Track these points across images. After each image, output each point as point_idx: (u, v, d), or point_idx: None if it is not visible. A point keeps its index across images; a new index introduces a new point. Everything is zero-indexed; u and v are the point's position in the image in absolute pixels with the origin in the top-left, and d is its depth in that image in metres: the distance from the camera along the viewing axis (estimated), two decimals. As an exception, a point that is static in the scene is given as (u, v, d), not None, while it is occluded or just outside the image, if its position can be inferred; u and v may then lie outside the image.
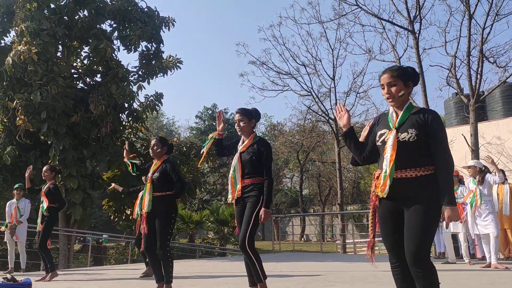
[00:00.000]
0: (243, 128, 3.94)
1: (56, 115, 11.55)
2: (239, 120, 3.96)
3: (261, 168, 3.90)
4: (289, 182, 38.25)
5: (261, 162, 3.88)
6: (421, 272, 2.54)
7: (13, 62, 10.93)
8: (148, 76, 13.90)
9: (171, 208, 4.69)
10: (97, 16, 12.88)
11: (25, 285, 4.02)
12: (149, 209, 4.55)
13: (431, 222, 2.59)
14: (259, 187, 3.87)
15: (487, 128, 16.40)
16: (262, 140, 4.00)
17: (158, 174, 4.66)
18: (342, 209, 21.25)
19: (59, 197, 6.95)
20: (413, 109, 2.77)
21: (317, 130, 27.78)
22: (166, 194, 4.64)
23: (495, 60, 15.08)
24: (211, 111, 38.78)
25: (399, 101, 2.77)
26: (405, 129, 2.68)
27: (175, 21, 14.18)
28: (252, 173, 3.88)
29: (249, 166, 3.88)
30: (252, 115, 4.00)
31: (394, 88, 2.75)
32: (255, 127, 4.10)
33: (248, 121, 3.94)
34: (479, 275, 6.03)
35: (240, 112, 3.99)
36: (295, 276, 6.50)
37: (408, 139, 2.64)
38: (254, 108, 4.17)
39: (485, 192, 6.93)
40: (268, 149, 3.92)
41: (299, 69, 21.17)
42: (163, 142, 4.91)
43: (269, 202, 3.86)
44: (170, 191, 4.69)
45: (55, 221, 7.11)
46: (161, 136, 5.02)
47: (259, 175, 3.88)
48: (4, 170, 12.35)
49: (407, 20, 15.34)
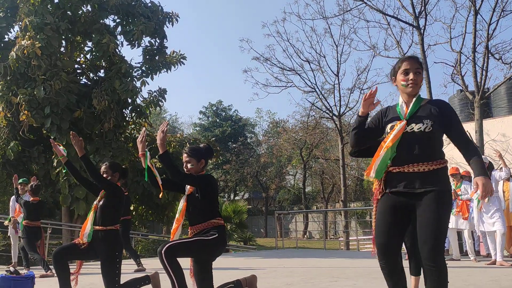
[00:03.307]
0: (190, 170, 3.56)
1: (59, 110, 11.55)
2: (186, 162, 3.59)
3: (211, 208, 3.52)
4: (292, 179, 38.22)
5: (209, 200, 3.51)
6: (436, 267, 2.50)
7: (17, 56, 10.93)
8: (151, 72, 13.89)
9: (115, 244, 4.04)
10: (100, 11, 12.86)
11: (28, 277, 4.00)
12: (89, 240, 3.99)
13: (446, 217, 2.57)
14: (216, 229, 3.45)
15: (492, 125, 16.32)
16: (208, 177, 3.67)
17: (103, 203, 4.07)
18: (345, 206, 21.21)
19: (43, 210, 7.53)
20: (423, 100, 2.74)
21: (321, 127, 27.71)
22: (108, 229, 4.00)
23: (501, 56, 14.97)
24: (216, 108, 38.71)
25: (416, 91, 2.75)
26: (420, 119, 2.63)
27: (178, 17, 14.16)
28: (203, 216, 3.48)
29: (198, 209, 3.50)
30: (201, 155, 3.63)
31: (419, 76, 2.73)
32: (205, 167, 3.74)
33: (197, 162, 3.58)
34: (484, 272, 5.98)
35: (187, 153, 3.61)
36: (299, 271, 6.48)
37: (424, 129, 2.59)
38: (205, 144, 3.83)
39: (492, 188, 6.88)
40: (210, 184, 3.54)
41: (303, 65, 21.09)
42: (113, 168, 4.22)
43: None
44: (113, 224, 4.05)
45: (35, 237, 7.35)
46: (112, 162, 4.35)
47: (212, 217, 3.48)
48: (7, 165, 12.37)
49: (412, 15, 15.24)
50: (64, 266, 3.98)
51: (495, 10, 14.05)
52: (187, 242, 3.37)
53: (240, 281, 3.72)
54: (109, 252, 3.97)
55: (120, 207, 4.20)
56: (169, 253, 3.20)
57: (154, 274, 4.23)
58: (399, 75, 2.75)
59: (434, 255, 2.50)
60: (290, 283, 5.17)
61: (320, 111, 23.32)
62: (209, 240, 3.34)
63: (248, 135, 39.14)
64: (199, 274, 3.50)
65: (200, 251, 3.41)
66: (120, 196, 4.14)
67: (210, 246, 3.37)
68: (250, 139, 38.72)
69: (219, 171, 34.22)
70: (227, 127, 36.71)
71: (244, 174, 33.33)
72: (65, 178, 11.69)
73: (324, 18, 19.45)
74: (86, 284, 5.51)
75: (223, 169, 33.81)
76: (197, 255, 3.49)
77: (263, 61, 21.50)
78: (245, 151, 34.88)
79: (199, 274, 3.49)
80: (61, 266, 3.95)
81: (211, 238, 3.35)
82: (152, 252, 15.62)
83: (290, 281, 5.28)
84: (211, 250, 3.42)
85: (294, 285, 5.00)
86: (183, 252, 3.33)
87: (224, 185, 34.08)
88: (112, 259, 3.96)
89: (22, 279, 4.00)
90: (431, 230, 2.51)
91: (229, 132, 36.55)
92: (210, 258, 3.51)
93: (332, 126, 24.84)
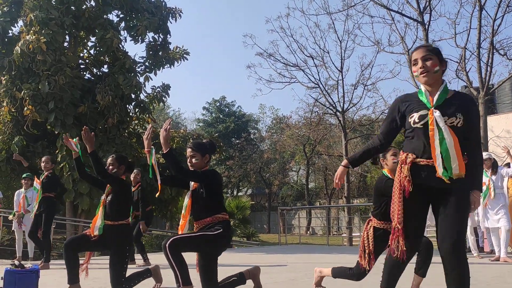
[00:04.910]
0: (195, 165, 3.56)
1: (63, 106, 11.58)
2: (190, 157, 3.60)
3: (216, 203, 3.52)
4: (295, 175, 38.20)
5: (214, 195, 3.52)
6: (460, 260, 2.45)
7: (22, 51, 10.96)
8: (155, 67, 13.90)
9: (125, 238, 4.09)
10: (104, 6, 12.87)
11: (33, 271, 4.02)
12: (100, 233, 4.00)
13: (467, 211, 2.54)
14: (220, 224, 3.44)
15: (497, 122, 16.26)
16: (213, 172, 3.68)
17: (110, 198, 4.08)
18: (348, 202, 21.19)
19: (58, 184, 7.24)
20: (449, 92, 2.59)
21: (324, 123, 27.66)
22: (119, 224, 4.03)
23: (506, 52, 14.93)
24: (219, 103, 38.68)
25: (433, 78, 2.57)
26: (451, 112, 2.50)
27: (182, 12, 14.15)
28: (208, 211, 3.49)
29: (203, 204, 3.51)
30: (206, 150, 3.65)
31: (429, 62, 2.56)
32: (209, 162, 3.76)
33: (201, 157, 3.59)
34: (488, 268, 5.97)
35: (192, 147, 3.63)
36: (302, 267, 6.48)
37: (456, 124, 2.48)
38: (208, 140, 3.87)
39: (498, 184, 6.86)
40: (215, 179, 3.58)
41: (306, 61, 21.05)
42: (120, 161, 4.23)
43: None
44: (124, 218, 4.07)
45: (54, 210, 7.33)
46: (119, 154, 4.41)
47: (217, 211, 3.48)
48: (12, 160, 12.41)
49: (416, 11, 15.18)
50: (74, 257, 4.01)
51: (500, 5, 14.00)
52: (192, 236, 3.37)
53: (243, 273, 3.73)
54: (119, 245, 3.99)
55: (129, 201, 4.23)
56: (173, 246, 3.21)
57: (154, 267, 4.25)
58: (412, 67, 2.66)
59: (458, 247, 2.45)
60: (293, 278, 5.17)
61: (323, 107, 23.28)
62: (213, 235, 3.34)
63: (251, 131, 39.09)
64: (204, 268, 3.50)
65: (205, 245, 3.41)
66: (127, 190, 4.16)
67: (215, 241, 3.37)
68: (253, 135, 38.68)
69: (222, 167, 34.23)
70: (230, 123, 36.70)
71: (247, 170, 33.34)
72: (69, 173, 11.73)
73: (328, 14, 19.45)
74: (90, 278, 5.52)
75: (226, 165, 33.82)
76: (201, 250, 3.49)
77: (266, 57, 21.50)
78: (248, 147, 34.85)
79: (204, 268, 3.50)
80: (71, 257, 3.99)
81: (215, 233, 3.34)
82: (156, 247, 15.66)
83: (294, 277, 5.28)
84: (216, 244, 3.42)
85: (297, 281, 5.00)
86: (187, 246, 3.33)
87: (227, 181, 34.09)
88: (121, 252, 3.99)
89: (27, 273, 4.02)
90: (455, 223, 2.48)
91: (232, 128, 36.54)
92: (214, 252, 3.51)
93: (335, 122, 24.78)
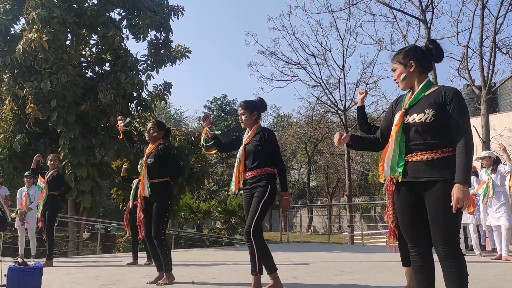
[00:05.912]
0: (245, 122, 4.01)
1: (65, 104, 11.58)
2: (241, 114, 4.03)
3: (267, 157, 3.90)
4: (297, 173, 38.20)
5: (267, 150, 3.90)
6: (452, 260, 2.44)
7: (24, 50, 10.96)
8: (156, 66, 13.88)
9: (167, 195, 4.55)
10: (106, 4, 12.85)
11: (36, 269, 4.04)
12: (149, 192, 4.44)
13: (449, 206, 2.45)
14: (266, 177, 3.87)
15: (499, 120, 16.24)
16: (265, 129, 4.03)
17: (152, 159, 4.54)
18: (350, 201, 21.19)
19: (62, 183, 7.42)
20: (431, 88, 2.64)
21: (326, 121, 27.65)
22: (161, 181, 4.51)
23: (508, 51, 14.88)
24: (220, 101, 38.70)
25: (407, 84, 2.70)
26: (421, 109, 2.56)
27: (184, 10, 14.13)
28: (258, 163, 3.88)
29: (255, 156, 3.89)
30: (255, 107, 4.03)
31: (395, 72, 2.73)
32: (259, 118, 4.12)
33: (250, 114, 3.99)
34: (490, 267, 5.97)
35: (242, 105, 4.04)
36: (304, 265, 6.49)
37: (425, 120, 2.52)
38: (259, 98, 4.15)
39: (498, 183, 6.85)
40: (272, 136, 3.96)
41: (308, 59, 21.04)
42: (160, 126, 4.75)
43: (286, 185, 3.96)
44: (165, 177, 4.55)
45: (58, 208, 7.41)
46: (159, 120, 4.98)
47: (266, 165, 3.89)
48: (14, 158, 12.42)
49: (418, 9, 15.15)
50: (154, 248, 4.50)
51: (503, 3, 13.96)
52: (259, 213, 3.77)
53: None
54: (161, 199, 4.46)
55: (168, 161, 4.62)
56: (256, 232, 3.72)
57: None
58: None
59: (448, 247, 2.44)
60: (295, 276, 5.18)
61: (325, 106, 23.29)
62: (266, 198, 3.80)
63: (253, 130, 39.11)
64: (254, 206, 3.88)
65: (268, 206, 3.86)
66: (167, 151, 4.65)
67: (269, 199, 3.84)
68: (255, 134, 38.70)
69: (223, 165, 34.26)
70: (231, 121, 36.70)
71: (249, 168, 33.34)
72: (71, 171, 11.74)
73: (330, 12, 19.44)
74: (92, 276, 5.55)
75: (227, 163, 33.85)
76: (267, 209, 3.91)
77: (268, 55, 21.50)
78: (250, 145, 34.88)
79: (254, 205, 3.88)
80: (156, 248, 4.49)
81: (266, 196, 3.80)
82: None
83: (296, 275, 5.29)
84: (271, 200, 3.87)
85: (299, 279, 5.01)
86: (261, 221, 3.82)
87: (229, 179, 34.11)
88: (163, 205, 4.45)
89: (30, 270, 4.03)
90: (442, 222, 2.46)
91: (234, 126, 36.56)
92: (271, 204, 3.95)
93: (337, 121, 24.79)
